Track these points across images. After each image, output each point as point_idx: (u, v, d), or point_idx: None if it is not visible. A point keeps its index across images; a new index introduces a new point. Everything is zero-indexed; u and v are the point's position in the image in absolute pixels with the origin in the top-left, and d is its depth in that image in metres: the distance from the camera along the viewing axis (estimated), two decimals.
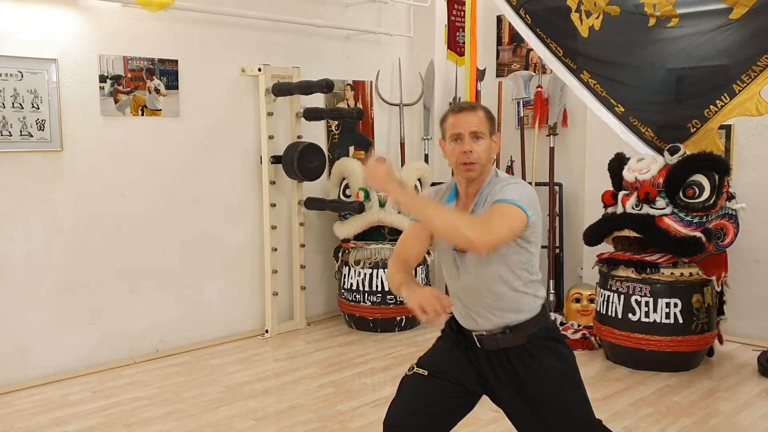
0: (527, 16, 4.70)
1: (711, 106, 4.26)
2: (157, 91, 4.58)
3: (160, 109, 4.61)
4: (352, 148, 5.72)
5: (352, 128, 5.73)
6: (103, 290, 4.45)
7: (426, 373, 2.31)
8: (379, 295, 5.13)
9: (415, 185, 5.34)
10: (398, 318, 5.20)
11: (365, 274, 5.14)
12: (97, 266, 4.42)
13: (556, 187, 5.64)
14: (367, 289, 5.14)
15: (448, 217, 2.11)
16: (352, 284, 5.19)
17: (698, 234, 4.10)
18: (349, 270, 5.21)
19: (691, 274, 4.22)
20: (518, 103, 5.83)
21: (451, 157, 2.26)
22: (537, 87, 5.71)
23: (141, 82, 4.51)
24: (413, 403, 2.27)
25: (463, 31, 5.79)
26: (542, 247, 5.71)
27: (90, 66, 4.30)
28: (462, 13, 5.88)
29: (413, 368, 2.35)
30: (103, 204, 4.42)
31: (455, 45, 6.05)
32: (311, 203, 5.26)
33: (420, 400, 2.27)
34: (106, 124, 4.40)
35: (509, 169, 5.57)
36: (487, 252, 2.14)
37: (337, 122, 5.63)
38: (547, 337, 2.28)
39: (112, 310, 4.50)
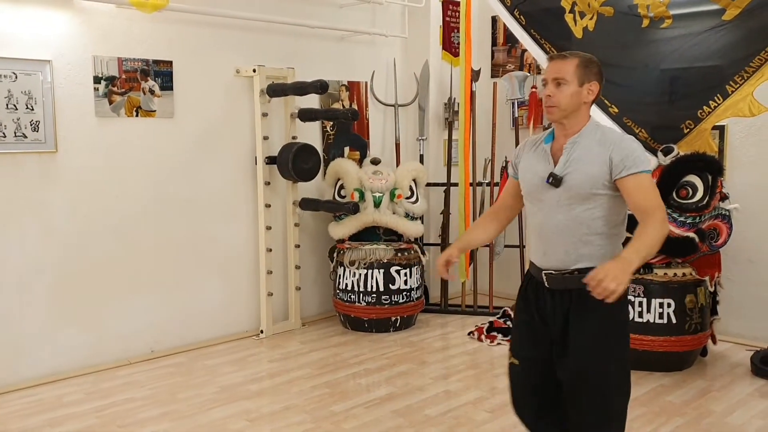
0: (521, 17, 4.71)
1: (704, 107, 4.27)
2: (152, 92, 4.59)
3: (155, 110, 4.62)
4: (347, 149, 5.73)
5: (347, 129, 5.74)
6: (98, 291, 4.46)
7: (518, 362, 2.55)
8: (374, 295, 5.14)
9: (410, 186, 5.35)
10: (393, 318, 5.21)
11: (360, 274, 5.15)
12: (91, 267, 4.42)
13: None
14: (362, 289, 5.15)
15: (652, 242, 2.23)
16: (347, 284, 5.20)
17: (692, 234, 4.12)
18: (344, 270, 5.21)
19: (684, 275, 4.24)
20: (513, 103, 5.85)
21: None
22: (531, 87, 5.73)
23: (135, 83, 4.51)
24: (520, 392, 2.59)
25: (458, 31, 5.81)
26: None
27: (84, 67, 4.30)
28: (457, 13, 5.89)
29: (510, 357, 2.59)
30: (97, 205, 4.42)
31: (450, 46, 6.06)
32: (306, 204, 5.27)
33: (523, 388, 2.57)
34: (100, 125, 4.40)
35: (504, 170, 5.58)
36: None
37: (332, 123, 5.64)
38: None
39: (106, 311, 4.50)
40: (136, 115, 4.54)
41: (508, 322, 5.19)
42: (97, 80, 4.35)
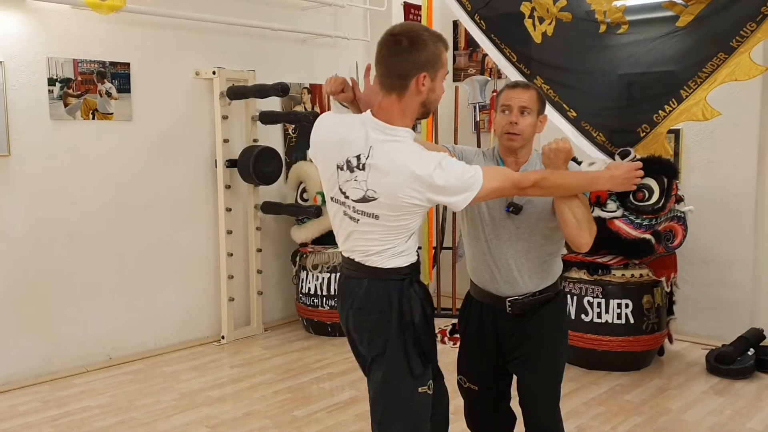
0: (482, 21, 4.75)
1: (660, 111, 4.35)
2: (109, 94, 4.51)
3: (112, 113, 4.54)
4: (309, 152, 5.70)
5: (309, 132, 5.68)
6: (54, 297, 4.36)
7: (477, 388, 2.60)
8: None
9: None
10: None
11: (323, 278, 5.13)
12: (47, 273, 4.32)
13: None
14: (325, 293, 5.13)
15: (586, 212, 2.28)
16: (309, 288, 5.17)
17: (648, 236, 4.20)
18: (307, 274, 5.19)
19: (641, 276, 4.32)
20: (474, 107, 5.89)
21: (498, 126, 2.41)
22: (492, 91, 5.78)
23: (92, 86, 4.43)
24: (481, 415, 2.66)
25: None
26: None
27: (38, 69, 4.21)
28: (418, 17, 5.91)
29: (465, 381, 2.63)
30: (53, 210, 4.33)
31: None
32: (268, 207, 5.23)
33: (485, 411, 2.64)
34: (55, 128, 4.31)
35: None
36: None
37: (294, 126, 5.61)
38: (559, 303, 2.55)
39: (63, 318, 4.40)
40: (93, 118, 4.46)
41: None
42: (51, 82, 4.26)
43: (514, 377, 2.58)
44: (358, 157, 2.05)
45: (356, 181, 2.05)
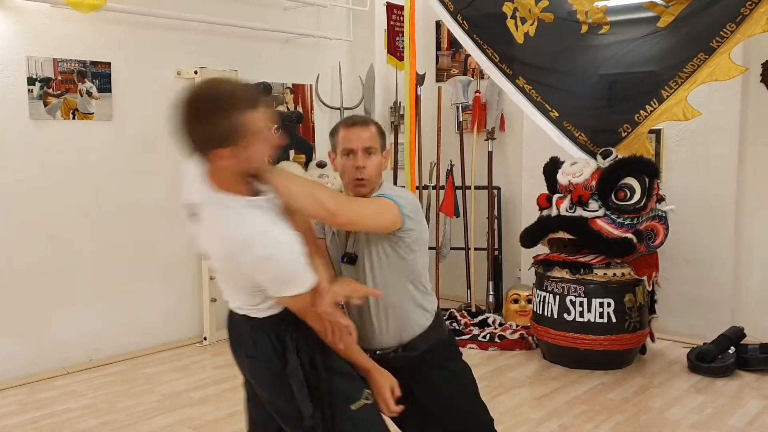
0: (464, 21, 4.76)
1: (641, 111, 4.39)
2: (89, 94, 4.47)
3: (93, 113, 4.50)
4: (292, 152, 5.68)
5: (292, 132, 5.69)
6: (34, 298, 4.31)
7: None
8: None
9: None
10: None
11: None
12: (27, 274, 4.27)
13: (495, 191, 5.73)
14: None
15: (307, 188, 1.98)
16: None
17: (629, 235, 4.22)
18: None
19: (623, 275, 4.34)
20: (457, 107, 5.90)
21: (343, 172, 2.19)
22: (475, 92, 5.80)
23: (72, 85, 4.38)
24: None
25: (403, 35, 5.83)
26: (482, 249, 5.75)
27: (17, 68, 4.16)
28: (401, 18, 5.91)
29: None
30: (32, 210, 4.28)
31: (395, 49, 6.08)
32: None
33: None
34: (35, 128, 4.26)
35: (449, 173, 5.62)
36: (344, 227, 2.10)
37: (276, 126, 5.58)
38: (439, 354, 2.25)
39: (43, 319, 4.35)
40: (73, 118, 4.41)
41: (455, 324, 5.22)
42: (31, 81, 4.21)
43: None
44: (193, 205, 1.86)
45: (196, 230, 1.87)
